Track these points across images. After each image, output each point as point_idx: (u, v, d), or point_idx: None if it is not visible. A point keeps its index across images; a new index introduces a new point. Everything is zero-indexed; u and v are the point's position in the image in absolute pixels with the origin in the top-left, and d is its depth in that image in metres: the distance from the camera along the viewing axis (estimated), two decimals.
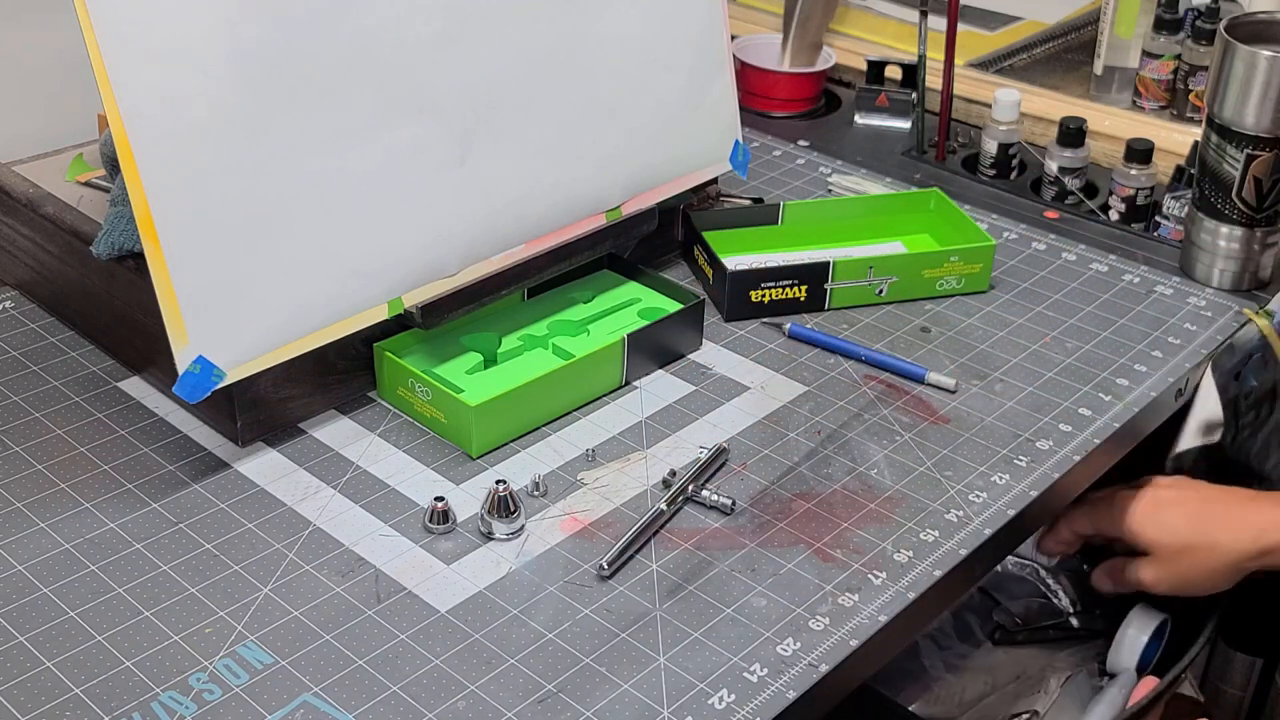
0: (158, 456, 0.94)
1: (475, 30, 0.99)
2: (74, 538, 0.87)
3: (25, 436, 0.95)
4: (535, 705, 0.76)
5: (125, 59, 0.83)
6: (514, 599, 0.83)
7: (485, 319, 1.08)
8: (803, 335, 1.11)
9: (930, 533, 0.90)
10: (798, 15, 1.51)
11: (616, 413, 1.01)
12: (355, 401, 1.01)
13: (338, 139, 0.93)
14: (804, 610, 0.83)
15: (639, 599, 0.84)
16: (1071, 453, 0.99)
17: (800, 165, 1.41)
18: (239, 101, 0.88)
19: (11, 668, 0.77)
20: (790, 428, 1.00)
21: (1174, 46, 1.50)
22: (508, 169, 1.03)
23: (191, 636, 0.80)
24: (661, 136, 1.14)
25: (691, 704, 0.77)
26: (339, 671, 0.78)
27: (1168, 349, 1.12)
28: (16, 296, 1.11)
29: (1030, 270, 1.23)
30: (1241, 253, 1.18)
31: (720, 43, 1.17)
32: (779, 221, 1.22)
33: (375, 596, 0.83)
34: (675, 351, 1.07)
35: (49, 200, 1.04)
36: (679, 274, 1.19)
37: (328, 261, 0.93)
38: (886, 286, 1.15)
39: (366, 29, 0.93)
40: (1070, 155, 1.36)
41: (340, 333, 0.95)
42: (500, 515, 0.88)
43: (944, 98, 1.42)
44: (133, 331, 1.00)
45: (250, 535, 0.88)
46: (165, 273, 0.86)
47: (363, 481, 0.93)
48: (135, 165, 0.84)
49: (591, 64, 1.07)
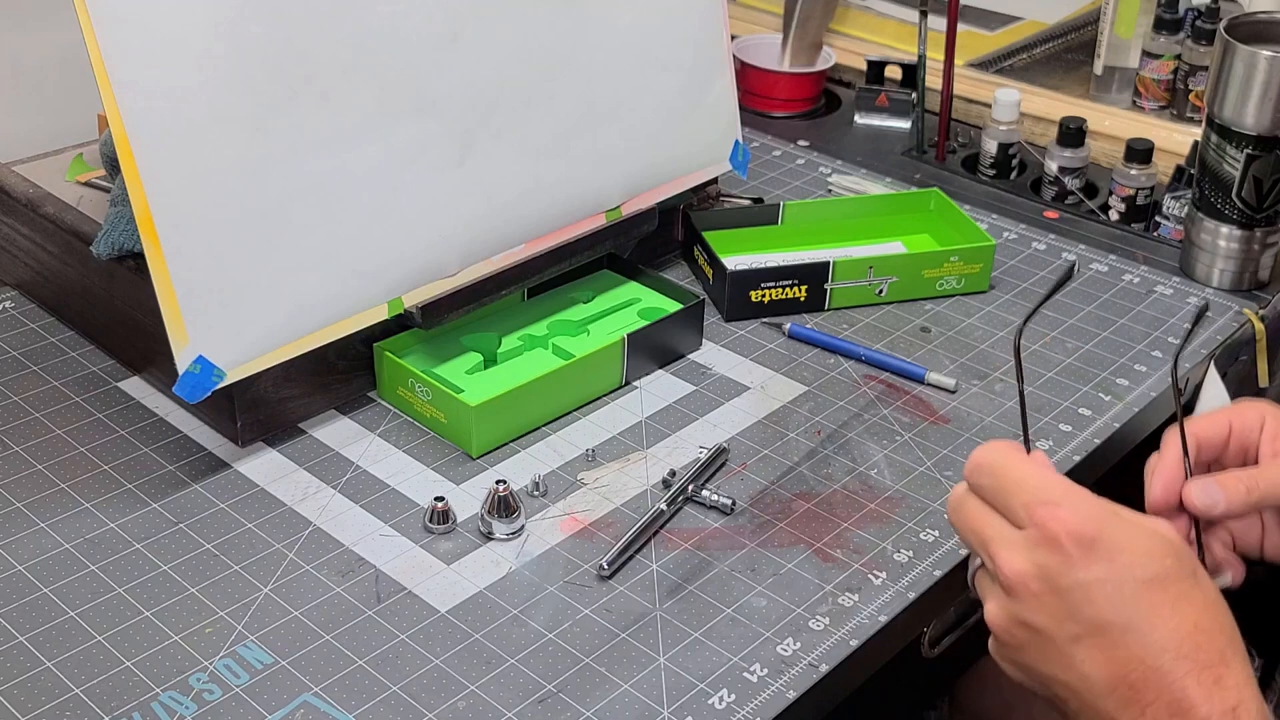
0: (158, 456, 0.94)
1: (475, 30, 0.99)
2: (74, 538, 0.87)
3: (25, 436, 0.95)
4: (535, 705, 0.76)
5: (125, 59, 0.83)
6: (514, 599, 0.83)
7: (485, 319, 1.08)
8: (803, 335, 1.11)
9: (930, 533, 0.90)
10: (798, 15, 1.51)
11: (616, 413, 1.01)
12: (355, 401, 1.01)
13: (338, 139, 0.93)
14: (804, 610, 0.83)
15: (639, 599, 0.84)
16: (1071, 453, 0.99)
17: (800, 165, 1.41)
18: (239, 101, 0.88)
19: (11, 668, 0.77)
20: (790, 428, 1.00)
21: (1174, 46, 1.50)
22: (508, 169, 1.03)
23: (191, 636, 0.80)
24: (661, 136, 1.14)
25: (691, 704, 0.77)
26: (339, 671, 0.78)
27: (1168, 349, 1.12)
28: (16, 296, 1.11)
29: (1030, 270, 1.23)
30: (1241, 253, 1.18)
31: (720, 43, 1.17)
32: (779, 221, 1.22)
33: (375, 596, 0.83)
34: (675, 351, 1.07)
35: (49, 200, 1.04)
36: (679, 274, 1.19)
37: (328, 261, 0.93)
38: (886, 286, 1.15)
39: (367, 28, 0.93)
40: (1070, 155, 1.36)
41: (340, 333, 0.95)
42: (500, 515, 0.88)
43: (944, 98, 1.42)
44: (133, 331, 1.00)
45: (250, 535, 0.88)
46: (165, 273, 0.86)
47: (363, 481, 0.93)
48: (135, 165, 0.84)
49: (591, 64, 1.07)
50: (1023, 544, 0.67)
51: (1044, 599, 0.67)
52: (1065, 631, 0.66)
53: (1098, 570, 0.65)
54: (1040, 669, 0.69)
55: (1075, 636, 0.66)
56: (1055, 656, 0.67)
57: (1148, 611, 0.65)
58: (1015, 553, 0.67)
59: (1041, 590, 0.66)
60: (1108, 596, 0.65)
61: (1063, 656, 0.67)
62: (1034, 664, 0.69)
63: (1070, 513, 0.66)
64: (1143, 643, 0.65)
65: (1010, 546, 0.68)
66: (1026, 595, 0.67)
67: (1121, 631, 0.65)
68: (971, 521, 0.70)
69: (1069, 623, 0.66)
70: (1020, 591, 0.67)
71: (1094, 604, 0.65)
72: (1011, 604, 0.68)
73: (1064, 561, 0.66)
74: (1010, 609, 0.68)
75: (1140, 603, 0.65)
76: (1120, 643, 0.65)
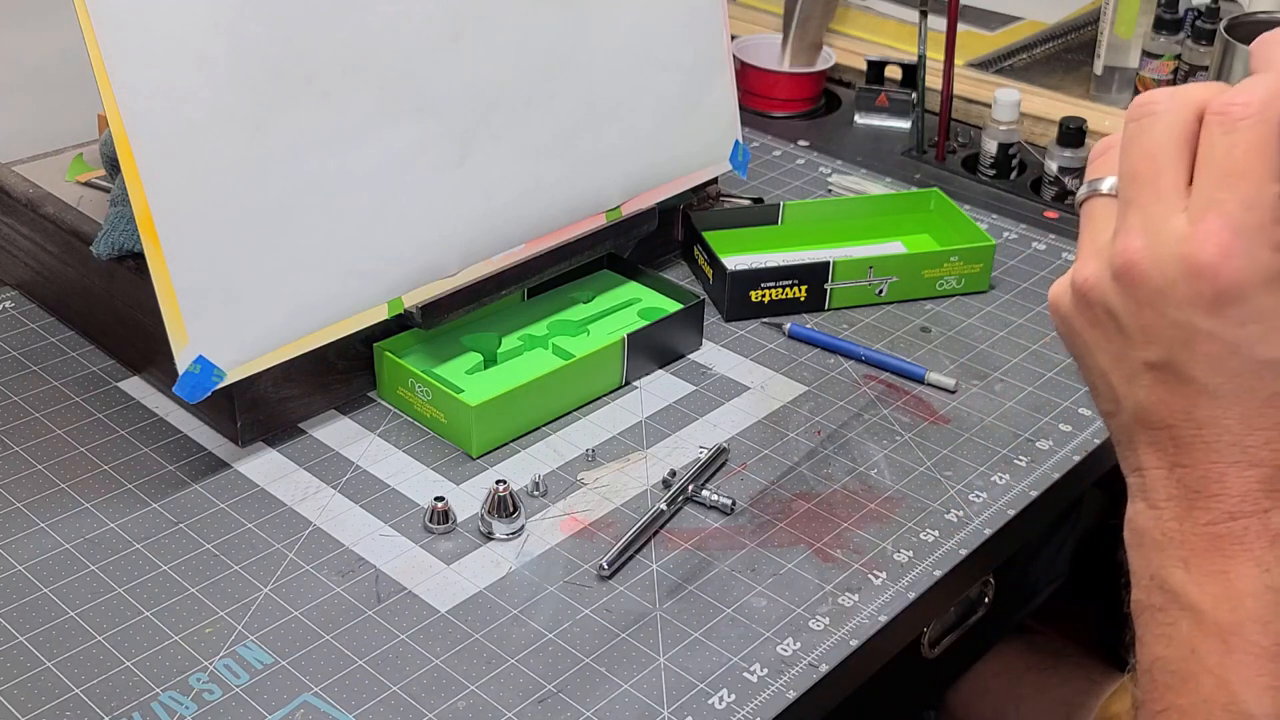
0: (158, 456, 0.94)
1: (475, 30, 0.99)
2: (74, 538, 0.87)
3: (25, 436, 0.95)
4: (535, 705, 0.76)
5: (125, 59, 0.83)
6: (514, 599, 0.84)
7: (485, 319, 1.08)
8: (803, 335, 1.11)
9: (930, 533, 0.90)
10: (798, 15, 1.51)
11: (616, 413, 1.01)
12: (355, 401, 1.01)
13: (338, 139, 0.93)
14: (804, 610, 0.83)
15: (639, 599, 0.84)
16: (1071, 453, 0.99)
17: (800, 165, 1.41)
18: (239, 101, 0.88)
19: (11, 668, 0.77)
20: (790, 428, 1.00)
21: (1174, 46, 1.50)
22: (508, 169, 1.03)
23: (191, 636, 0.80)
24: (661, 136, 1.14)
25: (691, 704, 0.77)
26: (339, 671, 0.78)
27: None
28: (16, 296, 1.11)
29: (1030, 270, 1.23)
30: None
31: (720, 43, 1.17)
32: (779, 221, 1.22)
33: (375, 596, 0.83)
34: (675, 351, 1.07)
35: (49, 200, 1.04)
36: (679, 274, 1.19)
37: (328, 261, 0.93)
38: (886, 286, 1.15)
39: (366, 29, 0.93)
40: (1070, 155, 1.36)
41: (340, 333, 0.95)
42: (500, 515, 0.88)
43: (944, 98, 1.42)
44: (133, 331, 1.00)
45: (250, 535, 0.88)
46: (165, 273, 0.86)
47: (363, 481, 0.93)
48: (135, 165, 0.84)
49: (591, 64, 1.07)
50: (1158, 235, 0.54)
51: (1151, 308, 0.55)
52: (1144, 354, 0.56)
53: (1218, 325, 0.54)
54: (1092, 356, 0.59)
55: (1150, 365, 0.56)
56: (1116, 363, 0.58)
57: (1242, 404, 0.54)
58: (1154, 237, 0.54)
59: (1156, 298, 0.55)
60: (1211, 355, 0.54)
61: (1125, 366, 0.57)
62: (1089, 344, 0.59)
63: (1241, 256, 0.53)
64: (1214, 428, 0.55)
65: (1155, 223, 0.54)
66: (1143, 293, 0.55)
67: (1200, 395, 0.55)
68: (1162, 154, 0.55)
69: (1154, 347, 0.56)
70: (1140, 284, 0.55)
71: (1194, 356, 0.55)
72: (1115, 288, 0.56)
73: (1193, 295, 0.54)
74: (1109, 290, 0.57)
75: (1241, 384, 0.54)
76: (1194, 403, 0.55)
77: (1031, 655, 1.21)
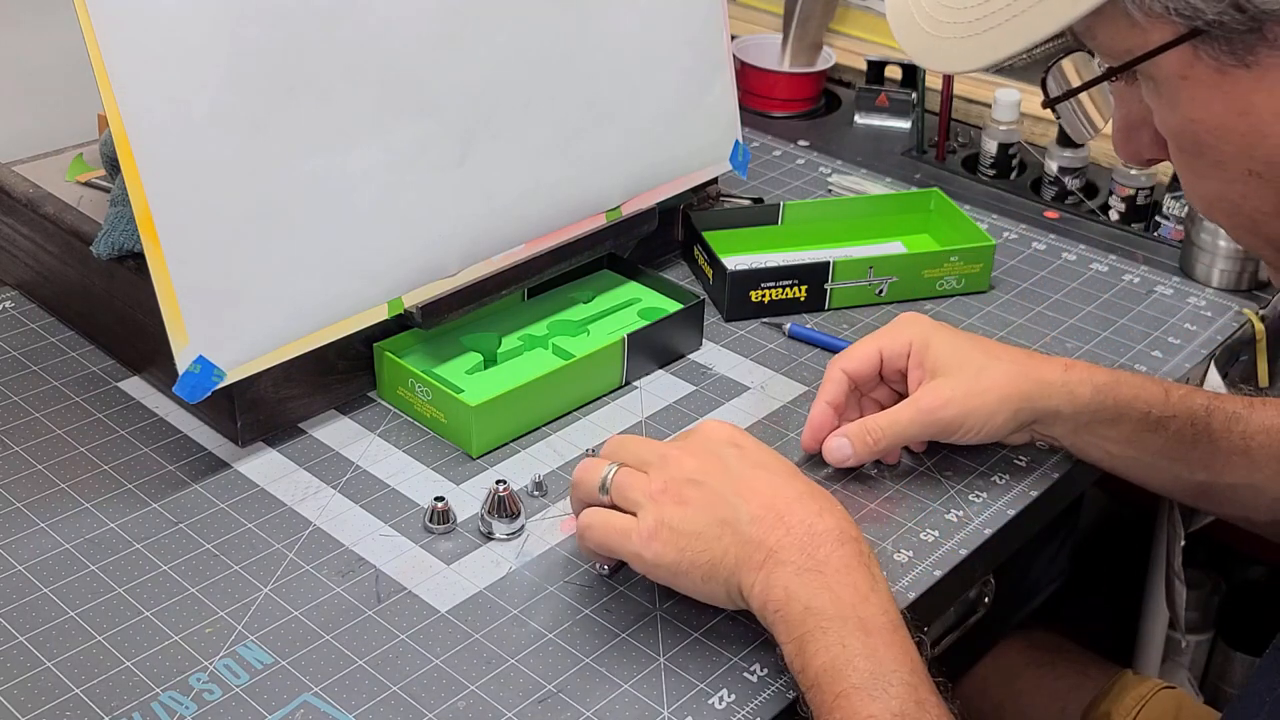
0: (158, 456, 0.94)
1: (475, 30, 0.99)
2: (74, 538, 0.87)
3: (25, 436, 0.95)
4: (535, 705, 0.76)
5: (125, 59, 0.83)
6: (514, 599, 0.84)
7: (485, 319, 1.08)
8: (803, 335, 1.11)
9: (930, 533, 0.90)
10: (798, 15, 1.52)
11: (616, 413, 1.01)
12: (355, 401, 1.01)
13: (338, 139, 0.93)
14: None
15: (639, 599, 0.84)
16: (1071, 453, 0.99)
17: (800, 165, 1.41)
18: (239, 101, 0.88)
19: (11, 668, 0.77)
20: (790, 428, 1.00)
21: None
22: (508, 169, 1.03)
23: (191, 636, 0.80)
24: (661, 136, 1.14)
25: (691, 704, 0.77)
26: (339, 671, 0.78)
27: (1168, 349, 1.12)
28: (16, 296, 1.11)
29: (1030, 270, 1.23)
30: (1241, 253, 1.18)
31: (720, 43, 1.17)
32: (779, 221, 1.22)
33: (375, 596, 0.83)
34: (675, 351, 1.07)
35: (49, 200, 1.04)
36: (679, 274, 1.19)
37: (328, 261, 0.93)
38: (886, 286, 1.15)
39: (366, 29, 0.93)
40: (1070, 155, 1.36)
41: (340, 333, 0.95)
42: (500, 515, 0.88)
43: (944, 98, 1.42)
44: (133, 331, 1.00)
45: (250, 535, 0.88)
46: (165, 273, 0.86)
47: (363, 481, 0.93)
48: (135, 165, 0.84)
49: (591, 64, 1.07)
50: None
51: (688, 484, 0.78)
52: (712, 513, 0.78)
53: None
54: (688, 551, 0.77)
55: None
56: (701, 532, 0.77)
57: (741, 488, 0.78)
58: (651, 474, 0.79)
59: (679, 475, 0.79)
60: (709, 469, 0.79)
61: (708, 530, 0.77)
62: (685, 542, 0.77)
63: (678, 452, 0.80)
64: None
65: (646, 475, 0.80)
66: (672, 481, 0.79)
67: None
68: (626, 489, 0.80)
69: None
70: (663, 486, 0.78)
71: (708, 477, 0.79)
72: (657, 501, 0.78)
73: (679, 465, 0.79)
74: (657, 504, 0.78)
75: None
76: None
77: (1031, 654, 1.21)
